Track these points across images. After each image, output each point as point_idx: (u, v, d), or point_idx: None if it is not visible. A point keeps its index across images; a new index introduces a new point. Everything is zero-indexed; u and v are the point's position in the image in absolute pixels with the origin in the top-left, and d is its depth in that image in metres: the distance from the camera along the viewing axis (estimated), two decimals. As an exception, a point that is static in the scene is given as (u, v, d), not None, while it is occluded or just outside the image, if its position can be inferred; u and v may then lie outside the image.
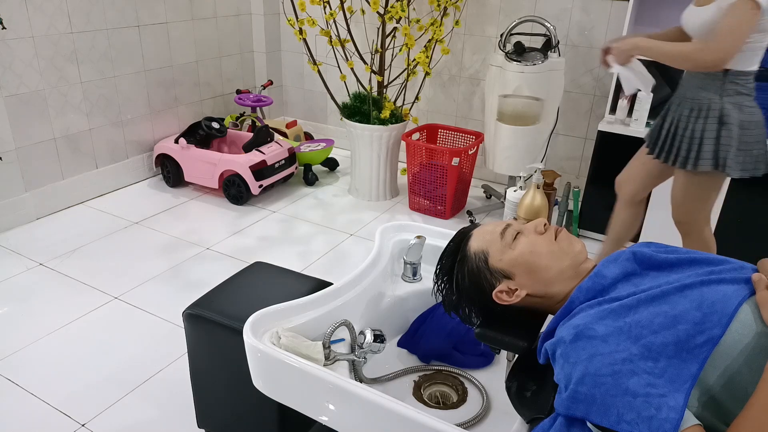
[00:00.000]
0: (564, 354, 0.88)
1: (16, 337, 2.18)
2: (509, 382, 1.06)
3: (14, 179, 2.94)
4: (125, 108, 3.39)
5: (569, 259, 1.04)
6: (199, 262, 2.73)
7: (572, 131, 3.43)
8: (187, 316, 1.53)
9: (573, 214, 3.08)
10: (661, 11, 2.90)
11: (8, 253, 2.74)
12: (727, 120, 1.89)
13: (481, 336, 1.11)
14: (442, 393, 1.30)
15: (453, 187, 3.18)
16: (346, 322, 1.18)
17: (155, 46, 3.45)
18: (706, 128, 1.91)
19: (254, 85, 4.23)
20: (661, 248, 1.04)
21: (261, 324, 1.11)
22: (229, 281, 1.64)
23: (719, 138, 1.90)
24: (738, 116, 1.88)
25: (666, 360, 0.82)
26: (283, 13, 4.11)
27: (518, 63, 2.84)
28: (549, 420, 0.88)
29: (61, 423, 1.81)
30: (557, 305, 1.05)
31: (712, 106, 1.90)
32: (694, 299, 0.87)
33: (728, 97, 1.88)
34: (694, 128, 1.94)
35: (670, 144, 2.02)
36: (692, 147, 1.95)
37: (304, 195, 3.53)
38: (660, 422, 0.75)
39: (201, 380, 1.63)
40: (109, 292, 2.47)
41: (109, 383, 1.97)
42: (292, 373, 1.04)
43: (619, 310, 0.90)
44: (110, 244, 2.86)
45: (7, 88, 2.81)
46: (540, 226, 1.09)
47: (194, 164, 3.38)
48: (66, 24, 2.98)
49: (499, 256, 1.08)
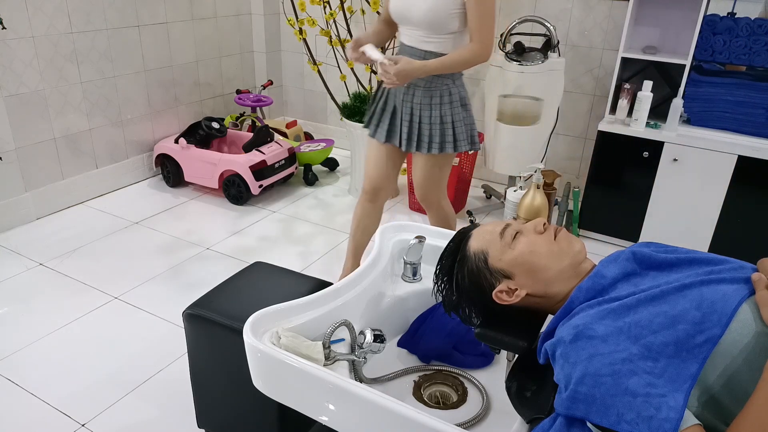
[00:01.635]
0: (564, 354, 0.88)
1: (16, 337, 2.18)
2: (509, 382, 1.06)
3: (14, 179, 2.94)
4: (125, 108, 3.39)
5: (569, 258, 1.04)
6: (199, 262, 2.73)
7: (572, 131, 3.43)
8: (187, 316, 1.53)
9: (573, 214, 3.08)
10: (661, 11, 2.90)
11: (8, 253, 2.74)
12: (465, 102, 2.09)
13: (481, 336, 1.11)
14: (442, 393, 1.30)
15: (453, 187, 3.18)
16: (346, 322, 1.18)
17: (155, 46, 3.45)
18: (454, 112, 2.05)
19: (254, 85, 4.23)
20: (660, 248, 1.04)
21: (261, 324, 1.11)
22: (229, 281, 1.64)
23: (466, 119, 2.07)
24: (467, 96, 2.11)
25: (666, 360, 0.82)
26: (283, 13, 4.11)
27: (518, 63, 2.84)
28: (549, 420, 0.88)
29: (61, 423, 1.81)
30: (557, 305, 1.05)
31: (452, 91, 2.03)
32: (693, 299, 0.87)
33: (458, 80, 2.06)
34: (442, 114, 2.03)
35: (409, 132, 2.09)
36: (445, 132, 2.05)
37: (304, 195, 3.53)
38: (660, 422, 0.75)
39: (201, 380, 1.63)
40: (109, 292, 2.47)
41: (109, 383, 1.97)
42: (292, 373, 1.04)
43: (618, 310, 0.90)
44: (110, 244, 2.86)
45: (7, 88, 2.81)
46: (539, 226, 1.09)
47: (194, 164, 3.38)
48: (66, 24, 2.98)
49: (499, 256, 1.08)
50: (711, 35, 2.65)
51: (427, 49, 1.97)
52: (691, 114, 2.79)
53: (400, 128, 2.10)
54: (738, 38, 2.60)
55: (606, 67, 3.20)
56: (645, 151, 2.78)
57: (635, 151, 2.81)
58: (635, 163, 2.82)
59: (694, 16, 2.67)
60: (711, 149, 2.66)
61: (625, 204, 2.92)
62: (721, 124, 2.73)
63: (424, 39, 1.96)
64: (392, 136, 2.14)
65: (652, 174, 2.80)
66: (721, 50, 2.65)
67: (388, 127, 2.14)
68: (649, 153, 2.77)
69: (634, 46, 2.94)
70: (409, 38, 2.00)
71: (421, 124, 2.06)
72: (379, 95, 2.16)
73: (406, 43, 2.02)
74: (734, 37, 2.61)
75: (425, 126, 2.06)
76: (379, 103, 2.15)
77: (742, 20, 2.60)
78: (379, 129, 2.16)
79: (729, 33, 2.62)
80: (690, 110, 2.78)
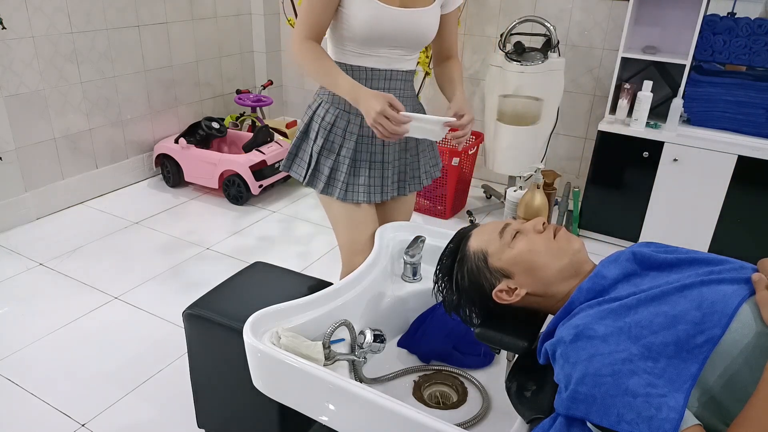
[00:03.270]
0: (564, 354, 0.88)
1: (16, 337, 2.18)
2: (509, 382, 1.06)
3: (14, 179, 2.94)
4: (125, 108, 3.39)
5: (568, 257, 1.04)
6: (199, 262, 2.73)
7: (572, 131, 3.43)
8: (187, 316, 1.53)
9: (573, 214, 3.08)
10: (661, 11, 2.90)
11: (8, 253, 2.74)
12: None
13: (481, 336, 1.11)
14: (442, 393, 1.30)
15: (453, 187, 3.18)
16: (346, 322, 1.18)
17: (155, 46, 3.45)
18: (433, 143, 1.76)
19: (254, 85, 4.23)
20: (660, 248, 1.04)
21: (261, 324, 1.11)
22: (229, 281, 1.64)
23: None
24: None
25: (666, 360, 0.82)
26: (283, 13, 4.11)
27: (518, 63, 2.84)
28: (549, 420, 0.88)
29: (61, 423, 1.81)
30: (557, 305, 1.05)
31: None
32: (693, 299, 0.87)
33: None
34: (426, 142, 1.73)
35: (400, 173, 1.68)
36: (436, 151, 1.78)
37: (304, 195, 3.53)
38: (660, 422, 0.75)
39: (201, 380, 1.63)
40: (109, 292, 2.47)
41: (109, 383, 1.97)
42: (292, 373, 1.04)
43: (619, 310, 0.90)
44: (110, 244, 2.86)
45: (7, 88, 2.81)
46: (539, 225, 1.09)
47: (194, 164, 3.38)
48: (66, 24, 2.98)
49: (499, 256, 1.08)
50: (711, 35, 2.65)
51: (407, 68, 1.59)
52: (691, 114, 2.79)
53: (389, 176, 1.64)
54: (738, 38, 2.60)
55: (606, 67, 3.20)
56: (645, 151, 2.78)
57: (635, 151, 2.81)
58: (635, 163, 2.82)
59: (694, 16, 2.67)
60: (711, 149, 2.65)
61: (625, 204, 2.92)
62: (721, 124, 2.73)
63: (406, 58, 1.56)
64: (383, 190, 1.64)
65: (652, 174, 2.80)
66: (721, 50, 2.65)
67: (380, 180, 1.63)
68: (649, 153, 2.77)
69: (634, 46, 2.94)
70: (386, 61, 1.53)
71: (419, 156, 1.70)
72: (338, 146, 1.59)
73: (380, 68, 1.53)
74: (734, 37, 2.61)
75: (423, 156, 1.72)
76: (345, 159, 1.59)
77: (742, 20, 2.60)
78: (362, 188, 1.60)
79: (729, 33, 2.62)
80: (690, 110, 2.78)
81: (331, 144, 1.60)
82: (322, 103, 1.61)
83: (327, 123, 1.59)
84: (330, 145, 1.60)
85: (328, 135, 1.59)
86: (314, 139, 1.62)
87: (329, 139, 1.60)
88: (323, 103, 1.61)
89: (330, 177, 1.61)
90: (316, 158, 1.61)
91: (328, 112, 1.59)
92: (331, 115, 1.59)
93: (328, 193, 1.62)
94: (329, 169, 1.60)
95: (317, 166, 1.62)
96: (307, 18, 1.45)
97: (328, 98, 1.60)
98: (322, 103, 1.61)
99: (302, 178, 1.65)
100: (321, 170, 1.62)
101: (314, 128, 1.61)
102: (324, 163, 1.61)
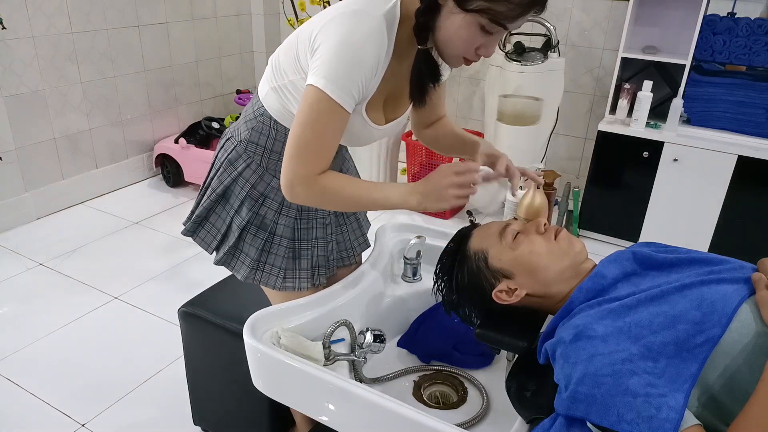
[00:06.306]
0: (564, 354, 0.88)
1: (16, 337, 2.18)
2: (509, 382, 1.06)
3: (14, 179, 2.93)
4: (125, 108, 3.39)
5: (569, 259, 1.04)
6: (198, 262, 2.73)
7: (572, 131, 3.43)
8: (182, 314, 1.54)
9: (573, 214, 3.08)
10: (661, 11, 2.90)
11: (8, 253, 2.74)
12: None
13: (481, 336, 1.11)
14: (442, 393, 1.30)
15: (453, 187, 3.17)
16: (346, 322, 1.18)
17: (155, 46, 3.45)
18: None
19: (254, 85, 4.23)
20: (660, 248, 1.04)
21: (261, 324, 1.11)
22: (227, 280, 1.64)
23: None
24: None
25: (666, 360, 0.82)
26: (283, 13, 4.11)
27: (518, 63, 2.84)
28: (549, 420, 0.88)
29: (61, 423, 1.81)
30: (557, 305, 1.05)
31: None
32: (693, 299, 0.87)
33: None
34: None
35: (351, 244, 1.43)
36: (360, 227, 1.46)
37: (304, 195, 3.52)
38: (660, 422, 0.75)
39: (196, 377, 1.64)
40: (108, 292, 2.47)
41: (109, 383, 1.97)
42: (292, 374, 1.04)
43: (618, 310, 0.90)
44: (110, 244, 2.86)
45: (7, 88, 2.81)
46: (540, 226, 1.09)
47: (194, 164, 3.38)
48: (66, 24, 2.98)
49: (499, 256, 1.08)
50: (711, 35, 2.65)
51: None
52: (691, 114, 2.79)
53: (333, 248, 1.37)
54: (738, 38, 2.60)
55: (606, 67, 3.20)
56: (645, 151, 2.78)
57: (635, 151, 2.81)
58: (635, 163, 2.82)
59: (694, 16, 2.67)
60: (711, 149, 2.65)
61: (625, 204, 2.92)
62: (721, 124, 2.73)
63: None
64: (329, 267, 1.37)
65: (652, 174, 2.80)
66: (721, 50, 2.65)
67: (325, 260, 1.34)
68: (649, 153, 2.77)
69: (634, 46, 2.94)
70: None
71: (350, 223, 1.42)
72: (270, 222, 1.25)
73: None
74: (734, 37, 2.61)
75: (350, 225, 1.43)
76: (282, 240, 1.26)
77: (742, 20, 2.60)
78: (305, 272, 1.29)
79: (729, 33, 2.62)
80: (690, 110, 2.78)
81: (261, 220, 1.23)
82: (251, 164, 1.21)
83: (258, 194, 1.23)
84: (260, 221, 1.24)
85: (258, 209, 1.23)
86: (236, 208, 1.25)
87: (260, 214, 1.23)
88: (252, 164, 1.21)
89: (259, 261, 1.25)
90: (237, 234, 1.24)
91: (261, 180, 1.22)
92: (264, 184, 1.22)
93: (257, 281, 1.26)
94: (257, 251, 1.24)
95: (238, 244, 1.26)
96: (320, 149, 1.06)
97: (262, 159, 1.20)
98: (251, 163, 1.21)
99: (212, 251, 1.29)
100: (245, 251, 1.25)
101: (238, 195, 1.24)
102: (250, 242, 1.24)
